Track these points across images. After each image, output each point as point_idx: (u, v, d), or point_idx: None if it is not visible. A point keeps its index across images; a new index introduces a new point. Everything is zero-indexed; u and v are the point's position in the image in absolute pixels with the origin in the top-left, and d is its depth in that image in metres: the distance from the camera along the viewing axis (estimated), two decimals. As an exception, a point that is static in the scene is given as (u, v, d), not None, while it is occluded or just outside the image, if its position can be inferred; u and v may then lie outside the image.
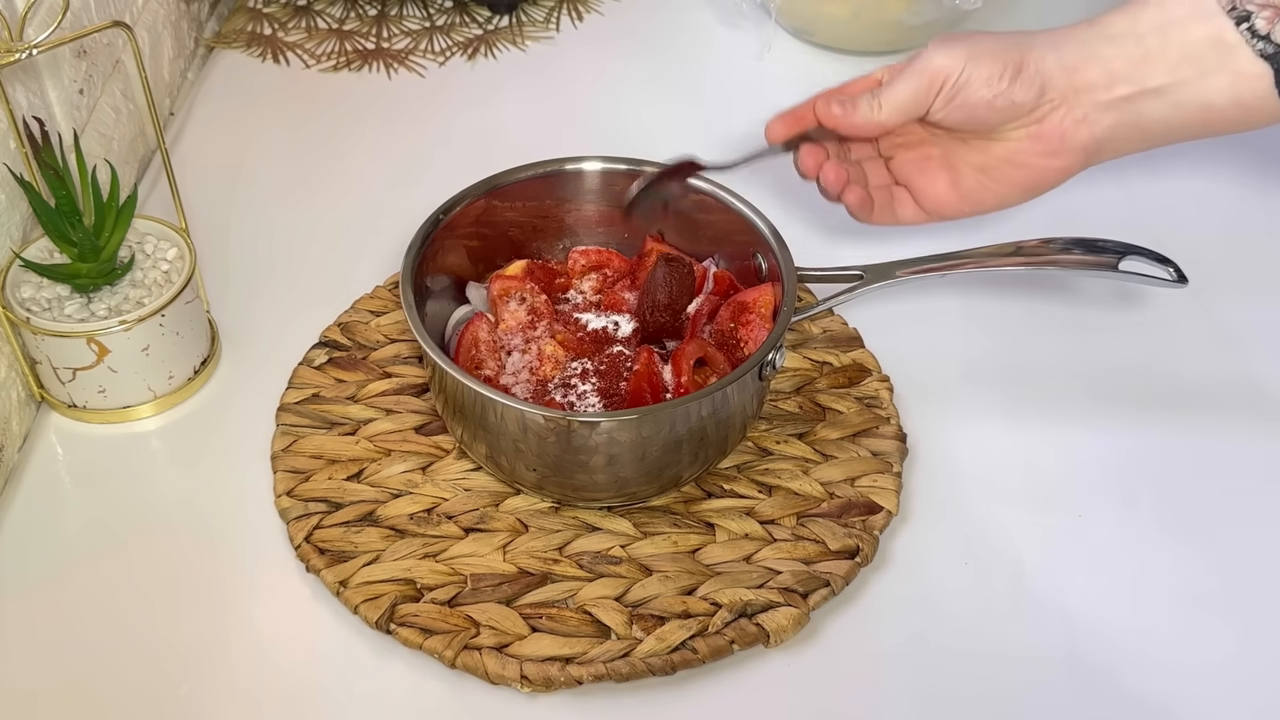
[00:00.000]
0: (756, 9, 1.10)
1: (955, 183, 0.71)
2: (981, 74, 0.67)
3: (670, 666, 0.65)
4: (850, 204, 0.72)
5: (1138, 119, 0.66)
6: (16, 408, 0.76)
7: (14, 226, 0.77)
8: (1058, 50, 0.67)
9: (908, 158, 0.73)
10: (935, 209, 0.73)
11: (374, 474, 0.74)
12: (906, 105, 0.69)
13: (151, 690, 0.65)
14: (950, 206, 0.72)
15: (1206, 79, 0.64)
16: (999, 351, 0.84)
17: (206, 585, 0.70)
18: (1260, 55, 0.63)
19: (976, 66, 0.67)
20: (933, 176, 0.72)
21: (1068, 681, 0.66)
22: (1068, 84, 0.66)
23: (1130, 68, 0.65)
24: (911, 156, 0.73)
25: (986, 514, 0.74)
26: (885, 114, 0.69)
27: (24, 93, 0.77)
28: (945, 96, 0.68)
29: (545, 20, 1.15)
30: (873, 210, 0.73)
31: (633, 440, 0.67)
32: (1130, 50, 0.65)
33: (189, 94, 1.06)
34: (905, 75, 0.69)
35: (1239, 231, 0.93)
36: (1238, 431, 0.79)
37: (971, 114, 0.68)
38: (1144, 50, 0.65)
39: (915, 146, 0.73)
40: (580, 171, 0.79)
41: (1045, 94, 0.67)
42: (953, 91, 0.67)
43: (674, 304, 0.76)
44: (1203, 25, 0.64)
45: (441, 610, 0.67)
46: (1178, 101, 0.65)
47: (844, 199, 0.72)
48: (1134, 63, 0.65)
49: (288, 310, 0.85)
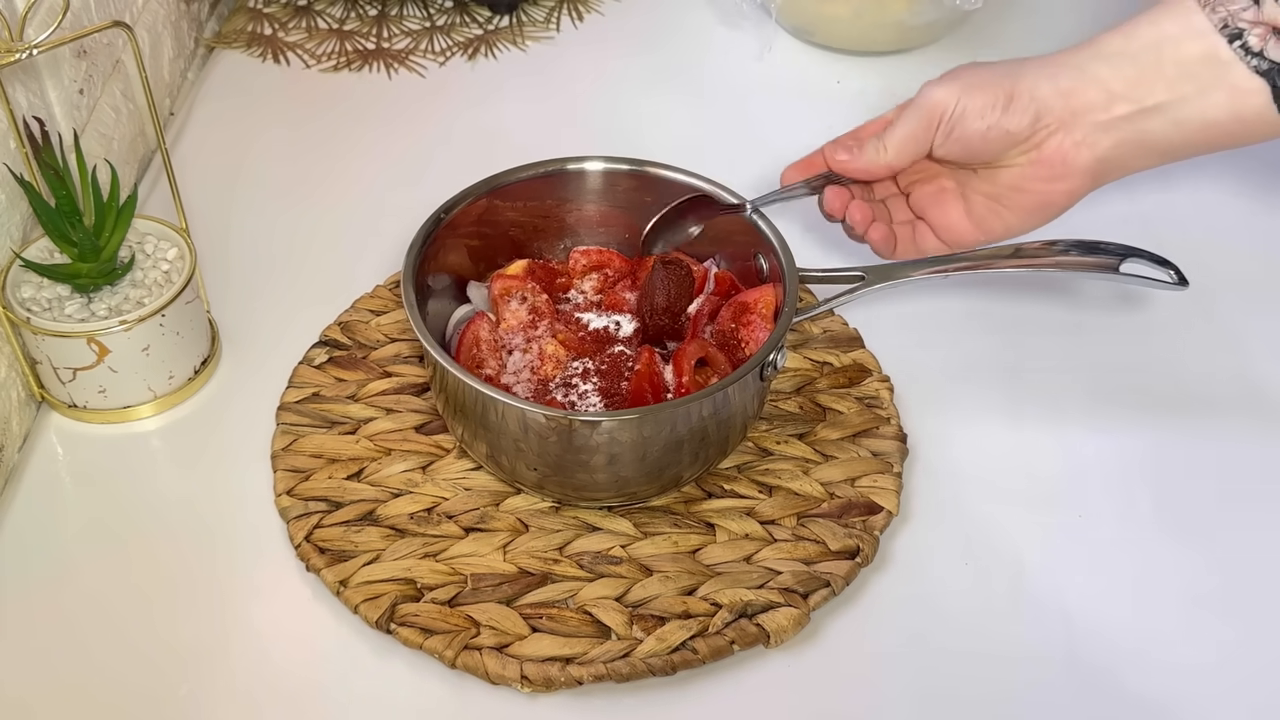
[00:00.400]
0: (756, 9, 1.10)
1: (968, 212, 0.73)
2: (975, 106, 0.68)
3: (670, 667, 0.65)
4: (875, 241, 0.74)
5: (1140, 137, 0.67)
6: (16, 408, 0.76)
7: (14, 226, 0.77)
8: (1052, 76, 0.67)
9: (924, 191, 0.74)
10: (953, 240, 0.74)
11: (374, 473, 0.74)
12: (909, 144, 0.70)
13: (152, 690, 0.65)
14: (967, 235, 0.73)
15: (1205, 95, 0.65)
16: (1000, 352, 0.84)
17: (206, 585, 0.70)
18: (1255, 71, 0.63)
19: (970, 99, 0.68)
20: (947, 208, 0.73)
21: (1068, 682, 0.66)
22: (1064, 108, 0.67)
23: (1128, 87, 0.66)
24: (928, 190, 0.74)
25: (987, 514, 0.74)
26: (891, 155, 0.71)
27: (24, 93, 0.77)
28: (944, 132, 0.69)
29: (545, 20, 1.15)
30: (896, 246, 0.74)
31: (633, 440, 0.67)
32: (1126, 70, 0.66)
33: (189, 94, 1.06)
34: (905, 115, 0.70)
35: (1240, 234, 0.93)
36: (1238, 432, 0.79)
37: (968, 146, 0.69)
38: (1140, 69, 0.65)
39: (931, 180, 0.74)
40: (581, 171, 0.79)
41: (1041, 120, 0.67)
42: (949, 126, 0.69)
43: (672, 306, 0.76)
44: (1196, 43, 0.64)
45: (442, 610, 0.67)
46: (1178, 119, 0.66)
47: (868, 237, 0.74)
48: (1131, 82, 0.66)
49: (288, 310, 0.85)
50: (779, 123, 1.02)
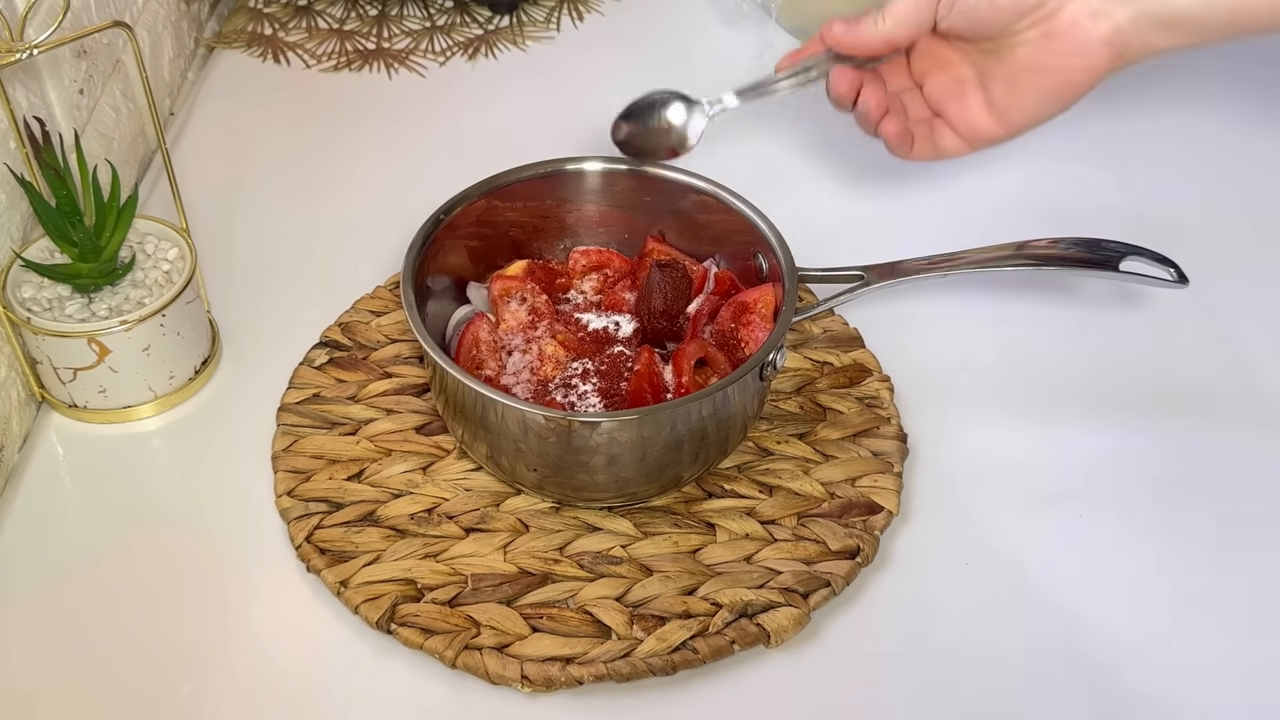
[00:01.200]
0: (756, 9, 1.10)
1: (988, 102, 0.69)
2: None
3: (671, 667, 0.65)
4: (889, 136, 0.69)
5: (1160, 8, 0.62)
6: (17, 408, 0.76)
7: (14, 226, 0.77)
8: None
9: (939, 81, 0.70)
10: (973, 134, 0.70)
11: (375, 474, 0.74)
12: (909, 15, 0.67)
13: (152, 690, 0.65)
14: (987, 128, 0.69)
15: None
16: (1000, 351, 0.84)
17: (207, 585, 0.70)
18: None
19: None
20: (966, 100, 0.69)
21: (1068, 681, 0.66)
22: None
23: None
24: (943, 80, 0.70)
25: (987, 514, 0.74)
26: (889, 26, 0.67)
27: (24, 93, 0.77)
28: (947, 2, 0.65)
29: (546, 20, 1.15)
30: (913, 145, 0.70)
31: (633, 440, 0.67)
32: None
33: (189, 94, 1.06)
34: None
35: (1240, 232, 0.93)
36: (1238, 431, 0.79)
37: (974, 16, 0.65)
38: None
39: (945, 68, 0.70)
40: (581, 171, 0.79)
41: None
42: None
43: (670, 309, 0.76)
44: None
45: (442, 610, 0.67)
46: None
47: (882, 131, 0.69)
48: None
49: (288, 310, 0.85)
50: (779, 122, 1.02)
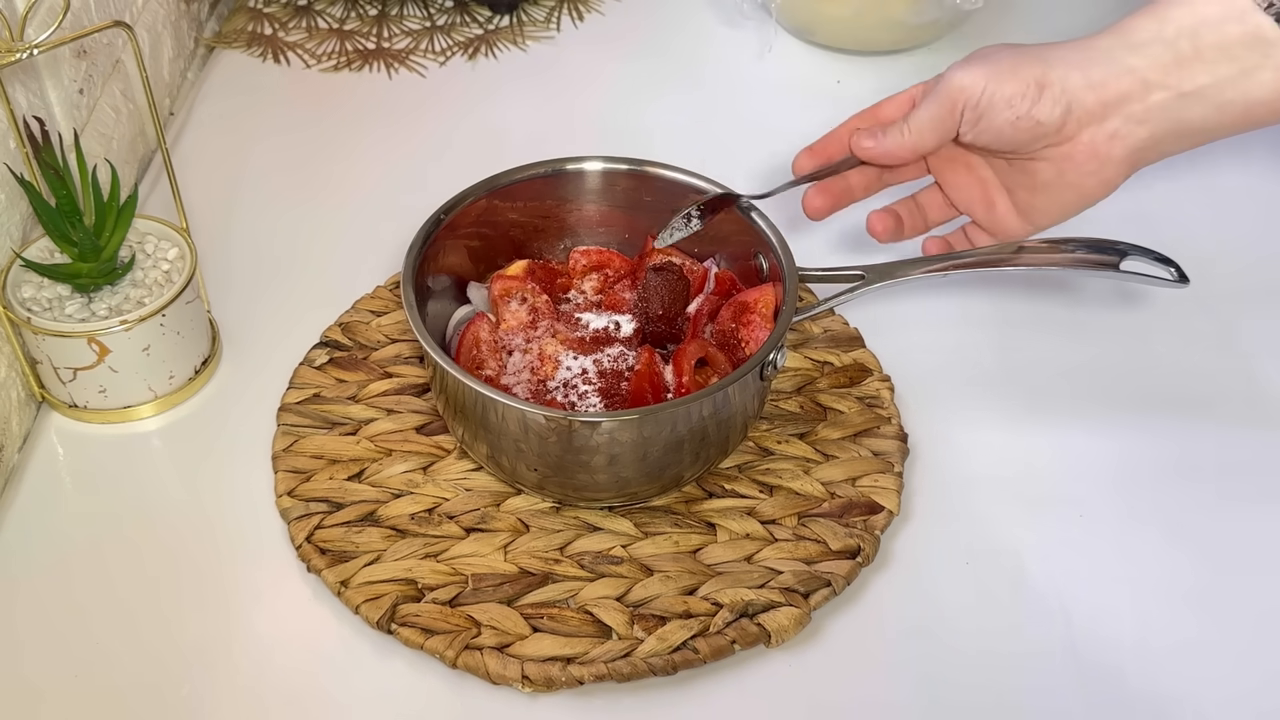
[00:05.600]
0: (756, 9, 1.10)
1: (1014, 205, 0.71)
2: (1004, 94, 0.66)
3: (671, 666, 0.65)
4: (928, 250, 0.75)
5: (1177, 124, 0.65)
6: (17, 408, 0.76)
7: (14, 226, 0.77)
8: (1082, 66, 0.65)
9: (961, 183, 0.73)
10: (1005, 234, 0.73)
11: (375, 474, 0.74)
12: (932, 129, 0.68)
13: (153, 690, 0.65)
14: (1017, 229, 0.72)
15: (1250, 76, 0.62)
16: (1000, 351, 0.84)
17: (207, 585, 0.70)
18: None
19: (998, 86, 0.66)
20: (993, 205, 0.72)
21: (1068, 680, 0.66)
22: (1096, 101, 0.65)
23: (1164, 74, 0.64)
24: (965, 182, 0.73)
25: (987, 514, 0.74)
26: (913, 137, 0.69)
27: (24, 93, 0.77)
28: (970, 120, 0.67)
29: (546, 20, 1.15)
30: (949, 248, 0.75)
31: (634, 440, 0.67)
32: (1161, 56, 0.64)
33: (189, 94, 1.06)
34: (929, 99, 0.68)
35: (1241, 232, 0.93)
36: (1238, 432, 0.79)
37: (998, 135, 0.67)
38: (1176, 54, 0.63)
39: (968, 170, 0.73)
40: (581, 171, 0.79)
41: (1072, 112, 0.65)
42: (976, 114, 0.67)
43: (668, 312, 0.76)
44: (1238, 24, 0.62)
45: (443, 610, 0.67)
46: (1220, 102, 0.63)
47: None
48: (1167, 68, 0.64)
49: (289, 310, 0.85)
50: (779, 123, 1.02)
